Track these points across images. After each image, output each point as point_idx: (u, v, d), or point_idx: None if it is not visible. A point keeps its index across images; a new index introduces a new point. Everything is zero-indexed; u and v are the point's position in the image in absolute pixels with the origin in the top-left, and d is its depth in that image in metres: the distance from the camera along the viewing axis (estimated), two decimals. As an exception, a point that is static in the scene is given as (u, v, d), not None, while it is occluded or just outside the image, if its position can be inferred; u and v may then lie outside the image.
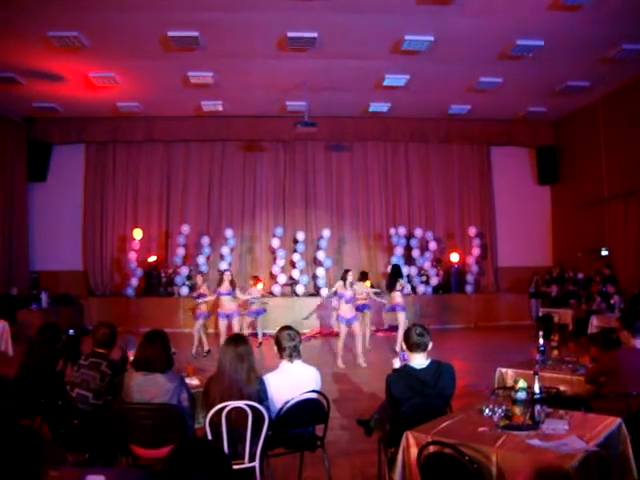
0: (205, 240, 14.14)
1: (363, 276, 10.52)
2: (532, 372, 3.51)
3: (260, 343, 10.93)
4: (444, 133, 14.80)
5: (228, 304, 9.60)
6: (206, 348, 9.96)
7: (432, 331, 3.88)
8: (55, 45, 9.33)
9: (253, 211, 15.00)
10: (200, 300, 10.00)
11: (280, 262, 13.97)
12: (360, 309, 9.88)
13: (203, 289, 10.14)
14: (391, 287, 9.94)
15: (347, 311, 8.95)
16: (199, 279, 10.80)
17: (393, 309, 9.96)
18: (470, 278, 14.37)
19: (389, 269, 14.19)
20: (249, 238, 14.92)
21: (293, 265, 14.15)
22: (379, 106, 13.42)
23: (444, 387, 3.59)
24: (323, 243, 14.26)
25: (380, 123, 14.45)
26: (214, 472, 2.89)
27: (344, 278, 9.09)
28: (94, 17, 8.59)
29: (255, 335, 11.15)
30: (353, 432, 5.23)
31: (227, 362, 3.63)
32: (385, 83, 11.63)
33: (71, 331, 5.57)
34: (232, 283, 9.63)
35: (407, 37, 9.47)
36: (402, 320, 9.62)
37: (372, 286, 11.30)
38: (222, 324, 9.55)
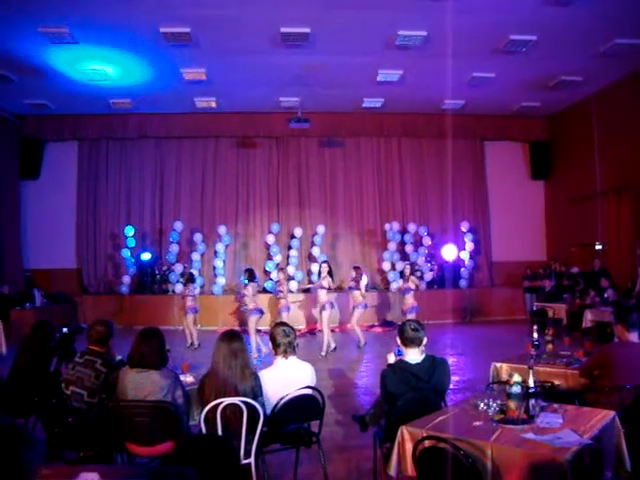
0: (198, 237, 14.12)
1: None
2: (527, 366, 3.52)
3: None
4: (437, 128, 14.78)
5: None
6: (195, 342, 10.14)
7: (426, 326, 3.89)
8: (46, 40, 9.27)
9: (247, 208, 14.97)
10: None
11: (276, 258, 13.96)
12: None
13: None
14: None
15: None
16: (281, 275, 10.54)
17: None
18: (464, 273, 14.41)
19: (383, 265, 14.34)
20: (243, 235, 14.91)
21: (288, 261, 14.15)
22: (373, 101, 13.41)
23: (439, 382, 3.60)
24: (318, 239, 14.25)
25: (374, 119, 14.44)
26: (221, 467, 2.90)
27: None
28: (86, 12, 8.53)
29: None
30: (348, 428, 5.23)
31: (221, 359, 3.62)
32: (379, 78, 11.63)
33: (65, 329, 5.52)
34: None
35: (400, 32, 9.46)
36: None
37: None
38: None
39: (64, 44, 9.43)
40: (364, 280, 9.98)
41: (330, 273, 9.67)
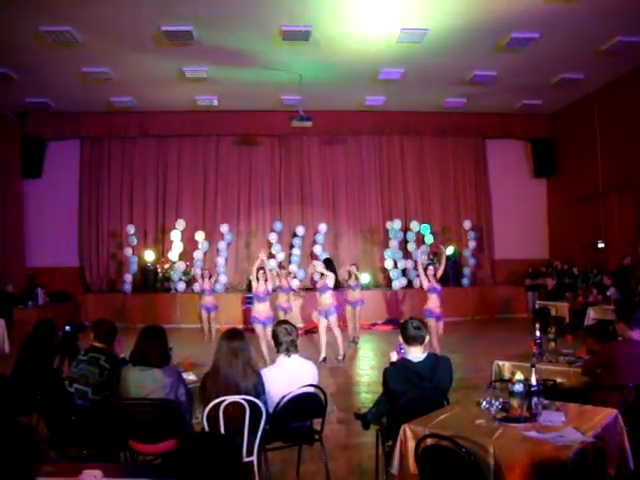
0: (200, 235, 14.12)
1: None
2: (529, 364, 3.51)
3: None
4: (439, 126, 14.77)
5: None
6: (213, 337, 10.58)
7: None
8: (47, 40, 9.26)
9: (249, 206, 14.97)
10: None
11: (279, 256, 13.94)
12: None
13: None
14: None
15: (262, 312, 8.24)
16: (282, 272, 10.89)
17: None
18: (466, 271, 14.39)
19: (385, 264, 14.30)
20: (245, 233, 14.90)
21: (290, 260, 14.14)
22: (374, 100, 13.39)
23: (441, 380, 3.59)
24: (320, 237, 14.25)
25: (375, 117, 14.41)
26: (224, 464, 2.90)
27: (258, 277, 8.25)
28: (87, 12, 8.52)
29: None
30: (351, 426, 5.24)
31: (222, 357, 3.63)
32: (380, 77, 11.60)
33: (67, 327, 5.55)
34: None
35: (402, 30, 9.43)
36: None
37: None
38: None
39: (65, 42, 9.42)
40: (361, 276, 9.98)
41: (334, 270, 8.83)
